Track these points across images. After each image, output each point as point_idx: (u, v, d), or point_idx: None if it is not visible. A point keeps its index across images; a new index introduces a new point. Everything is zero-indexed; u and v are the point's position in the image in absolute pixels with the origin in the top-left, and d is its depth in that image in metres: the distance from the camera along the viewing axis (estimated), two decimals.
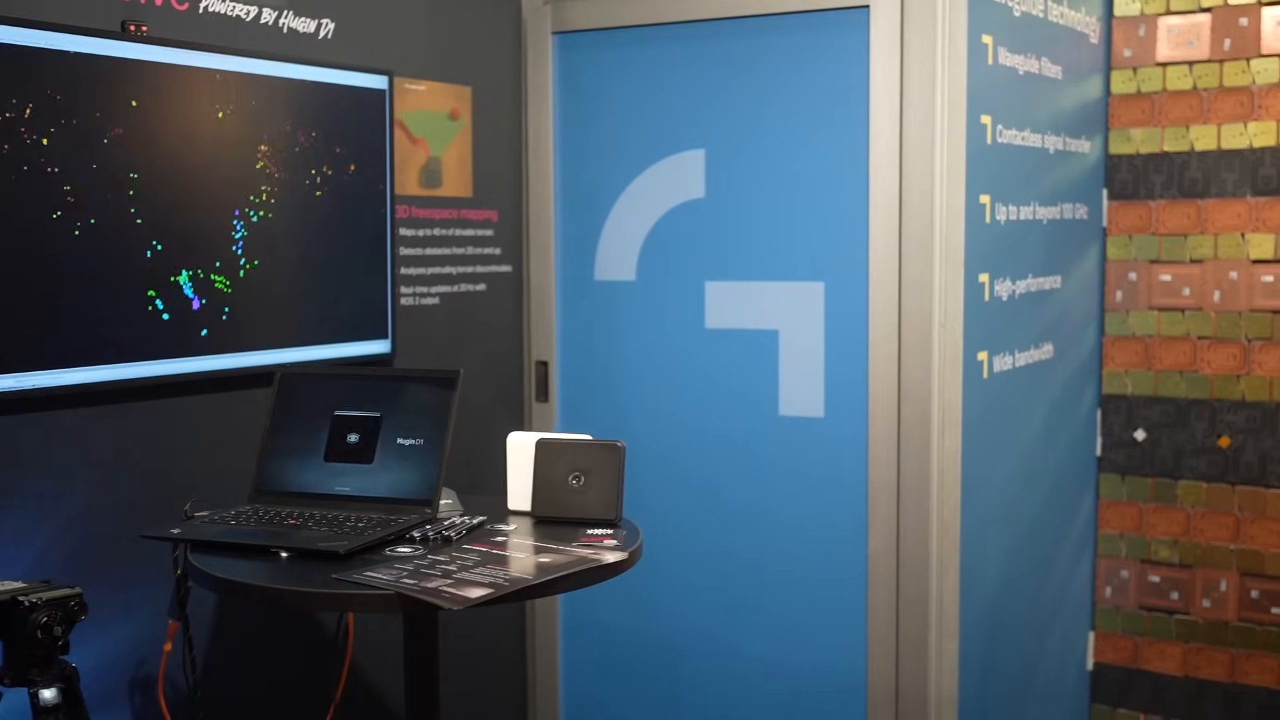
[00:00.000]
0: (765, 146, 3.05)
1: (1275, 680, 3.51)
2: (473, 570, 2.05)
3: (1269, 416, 3.48)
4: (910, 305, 2.88)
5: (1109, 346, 3.69)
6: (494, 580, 1.99)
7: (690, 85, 3.13)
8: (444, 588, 1.95)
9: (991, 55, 3.00)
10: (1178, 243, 3.58)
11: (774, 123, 3.03)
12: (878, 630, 2.96)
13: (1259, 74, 3.45)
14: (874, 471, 2.94)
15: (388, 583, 1.97)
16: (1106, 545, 3.72)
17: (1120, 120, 3.63)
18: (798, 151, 3.01)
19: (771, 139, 3.04)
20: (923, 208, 2.85)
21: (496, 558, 2.15)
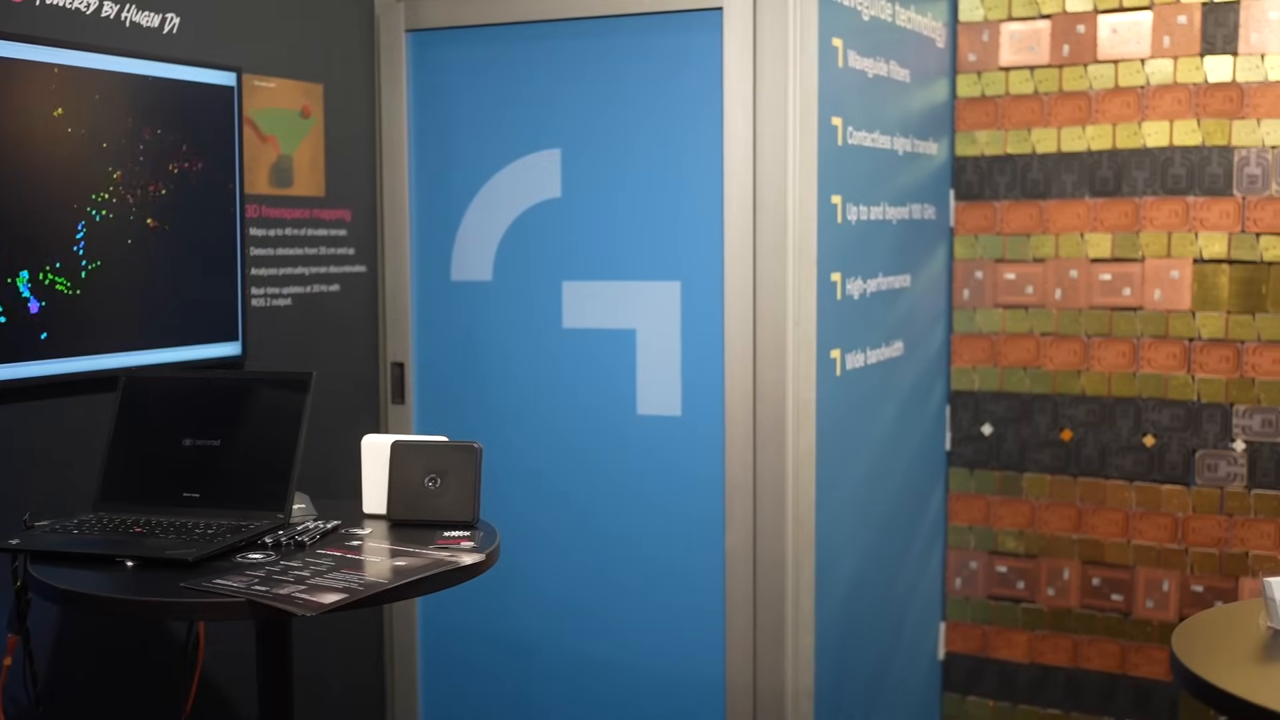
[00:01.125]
0: (621, 146, 3.06)
1: (1115, 664, 3.64)
2: (326, 575, 2.02)
3: (1107, 410, 3.61)
4: (764, 304, 2.92)
5: (957, 343, 3.78)
6: (348, 585, 1.97)
7: (546, 85, 3.13)
8: (297, 594, 1.91)
9: (842, 58, 3.05)
10: (1021, 242, 3.69)
11: (630, 123, 3.05)
12: (735, 627, 2.99)
13: (1096, 79, 3.57)
14: (730, 469, 2.97)
15: (238, 590, 1.93)
16: (956, 537, 3.81)
17: (966, 123, 3.73)
18: (653, 152, 3.03)
19: (627, 139, 3.05)
20: (776, 208, 2.89)
21: (351, 562, 2.12)
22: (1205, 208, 3.47)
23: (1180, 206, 3.49)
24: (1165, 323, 3.53)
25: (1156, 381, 3.55)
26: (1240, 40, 3.41)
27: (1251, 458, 3.46)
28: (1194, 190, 3.47)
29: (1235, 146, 3.43)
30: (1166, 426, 3.54)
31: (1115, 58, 3.54)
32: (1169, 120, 3.49)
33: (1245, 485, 3.47)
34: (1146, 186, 3.53)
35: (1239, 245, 3.44)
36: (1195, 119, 3.46)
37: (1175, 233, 3.50)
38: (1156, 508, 3.56)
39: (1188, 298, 3.50)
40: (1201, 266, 3.48)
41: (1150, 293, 3.54)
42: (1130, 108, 3.53)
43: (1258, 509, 3.46)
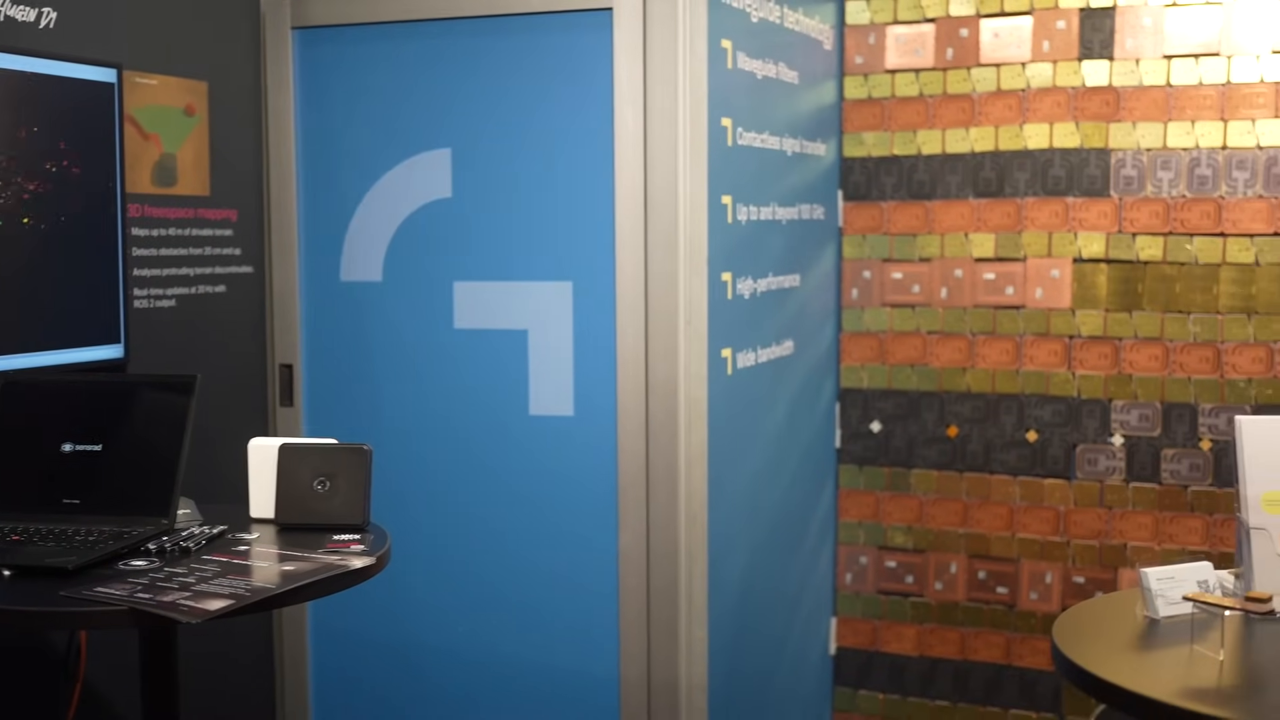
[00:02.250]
0: (512, 146, 3.05)
1: (1000, 656, 3.72)
2: (212, 581, 1.99)
3: (991, 407, 3.68)
4: (656, 304, 2.93)
5: (846, 342, 3.83)
6: (235, 591, 1.94)
7: (436, 84, 3.11)
8: (181, 600, 1.88)
9: (731, 60, 3.08)
10: (908, 242, 3.75)
11: (521, 123, 3.04)
12: (629, 624, 3.00)
13: (979, 82, 3.64)
14: (623, 468, 2.98)
15: (120, 598, 1.89)
16: (846, 533, 3.86)
17: (853, 124, 3.78)
18: (545, 152, 3.02)
19: (518, 139, 3.05)
20: (667, 208, 2.90)
21: (238, 567, 2.08)
22: (1084, 208, 3.56)
23: (1060, 207, 3.58)
24: (1046, 321, 3.61)
25: (1038, 378, 3.63)
26: (1116, 45, 3.50)
27: (1129, 452, 3.56)
28: (1073, 191, 3.56)
29: (1112, 149, 3.52)
30: (1048, 422, 3.63)
31: (997, 61, 3.62)
32: (1049, 123, 3.57)
33: (1123, 479, 3.57)
34: (1028, 187, 3.61)
35: (1116, 245, 3.54)
36: (1074, 122, 3.55)
37: (1055, 233, 3.59)
38: (1039, 501, 3.65)
39: (1068, 296, 3.59)
40: (1081, 266, 3.57)
41: (1032, 291, 3.62)
42: (1012, 110, 3.61)
43: (1135, 502, 3.55)
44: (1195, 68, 3.44)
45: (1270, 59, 3.38)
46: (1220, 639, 2.00)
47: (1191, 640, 2.04)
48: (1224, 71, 3.42)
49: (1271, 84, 3.38)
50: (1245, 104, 3.41)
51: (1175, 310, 3.50)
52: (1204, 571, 2.19)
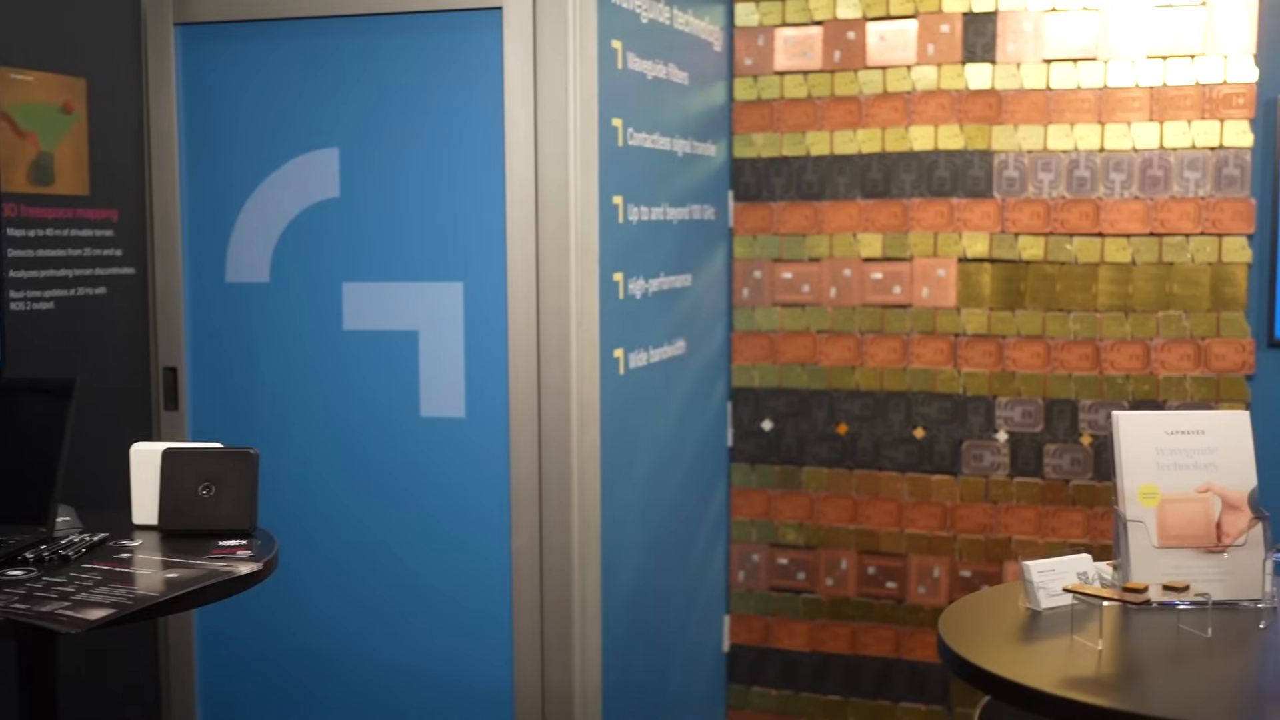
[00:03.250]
0: (401, 146, 3.02)
1: (890, 650, 3.78)
2: (93, 590, 1.94)
3: (880, 404, 3.74)
4: (548, 304, 2.92)
5: (737, 341, 3.86)
6: (116, 599, 1.89)
7: (322, 83, 3.07)
8: (60, 610, 1.83)
9: (621, 60, 3.08)
10: (797, 242, 3.79)
11: (410, 122, 3.01)
12: (522, 628, 2.99)
13: (865, 85, 3.69)
14: (516, 469, 2.97)
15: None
16: (739, 531, 3.89)
17: (743, 125, 3.81)
18: (434, 152, 3.00)
19: (408, 138, 3.02)
20: (558, 208, 2.90)
21: (120, 575, 2.04)
22: (968, 209, 3.62)
23: (945, 208, 3.64)
24: (933, 319, 3.67)
25: (925, 376, 3.69)
26: (998, 49, 3.57)
27: (1013, 447, 3.63)
28: (957, 192, 3.63)
29: (995, 151, 3.60)
30: (935, 419, 3.69)
31: (883, 64, 3.67)
32: (934, 125, 3.63)
33: (1008, 474, 3.64)
34: (914, 188, 3.67)
35: (999, 245, 3.61)
36: (958, 124, 3.61)
37: (941, 233, 3.65)
38: (927, 497, 3.71)
39: (953, 295, 3.65)
40: (965, 265, 3.64)
41: (919, 291, 3.68)
42: (898, 112, 3.67)
43: (1019, 496, 3.63)
44: (1073, 72, 3.52)
45: (1145, 64, 3.48)
46: (1099, 629, 2.05)
47: (1071, 631, 2.08)
48: (1101, 76, 3.51)
49: (1146, 88, 3.48)
50: (1121, 107, 3.50)
51: (1056, 309, 3.58)
52: (1083, 563, 2.24)
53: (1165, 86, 3.47)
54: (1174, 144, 3.47)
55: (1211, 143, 3.45)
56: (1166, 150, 3.48)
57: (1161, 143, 3.48)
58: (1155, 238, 3.50)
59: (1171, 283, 3.50)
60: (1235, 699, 1.90)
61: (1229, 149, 3.44)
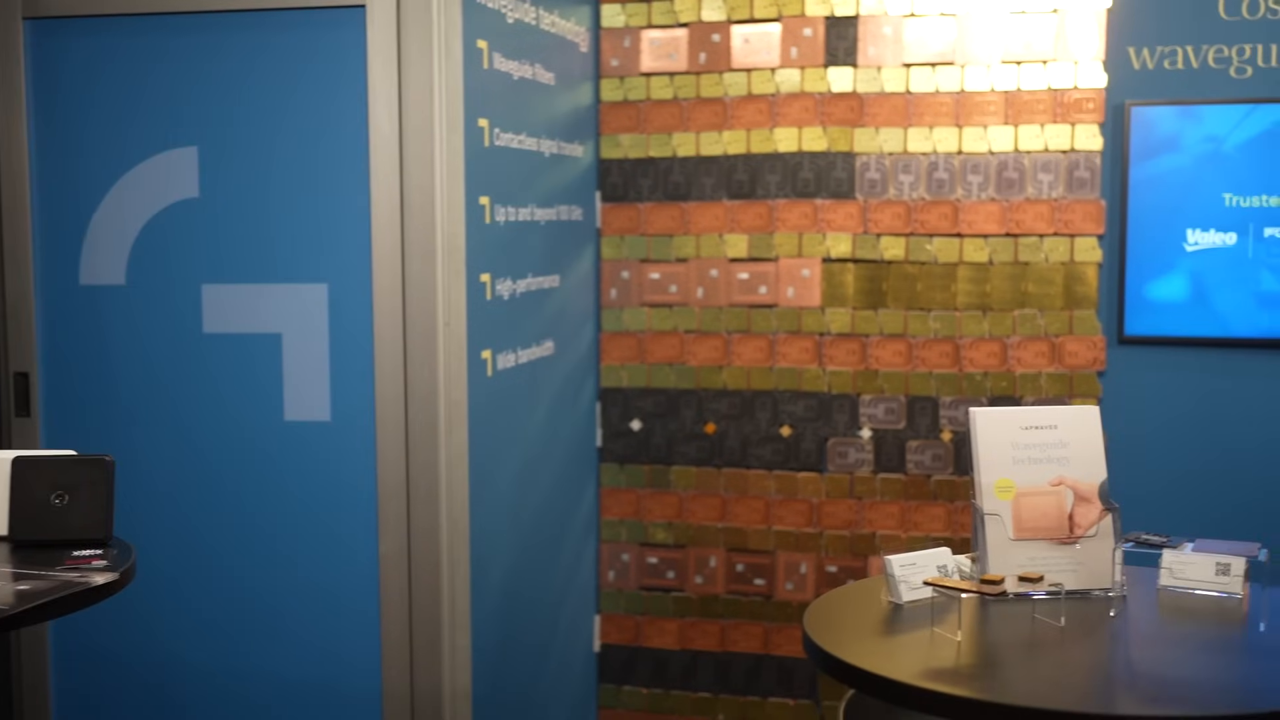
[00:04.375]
0: (263, 145, 2.97)
1: (759, 646, 3.82)
2: None
3: (747, 403, 3.78)
4: (414, 306, 2.90)
5: (606, 342, 3.87)
6: None
7: (181, 80, 3.00)
8: None
9: (487, 60, 3.07)
10: (664, 243, 3.81)
11: (272, 121, 2.96)
12: (391, 634, 2.96)
13: (730, 87, 3.73)
14: (383, 473, 2.94)
15: None
16: (609, 531, 3.90)
17: (610, 126, 3.82)
18: (297, 151, 2.95)
19: (270, 137, 2.97)
20: (424, 209, 2.88)
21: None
22: (831, 210, 3.68)
23: (809, 209, 3.69)
24: (798, 319, 3.73)
25: (791, 375, 3.74)
26: (859, 53, 3.64)
27: (877, 444, 3.70)
28: (821, 193, 3.68)
29: (857, 153, 3.66)
30: (801, 417, 3.75)
31: (748, 66, 3.72)
32: (798, 127, 3.69)
33: (872, 470, 3.71)
34: (779, 190, 3.71)
35: (862, 245, 3.67)
36: (821, 126, 3.67)
37: (805, 233, 3.70)
38: (794, 494, 3.76)
39: (818, 295, 3.71)
40: (829, 265, 3.70)
41: (784, 290, 3.73)
42: (762, 114, 3.71)
43: (883, 492, 3.70)
44: (932, 76, 3.60)
45: (1000, 69, 3.57)
46: (958, 621, 2.10)
47: (932, 623, 2.13)
48: (958, 80, 3.59)
49: (1001, 92, 3.57)
50: (978, 111, 3.59)
51: (917, 308, 3.66)
52: (943, 557, 2.29)
53: (1019, 91, 3.57)
54: (1028, 147, 3.57)
55: (1063, 146, 3.55)
56: (1021, 153, 3.58)
57: (1016, 146, 3.58)
58: (1011, 238, 3.60)
59: (1027, 282, 3.60)
60: (1087, 686, 1.96)
61: (1080, 152, 3.55)
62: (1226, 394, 3.57)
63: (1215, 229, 3.49)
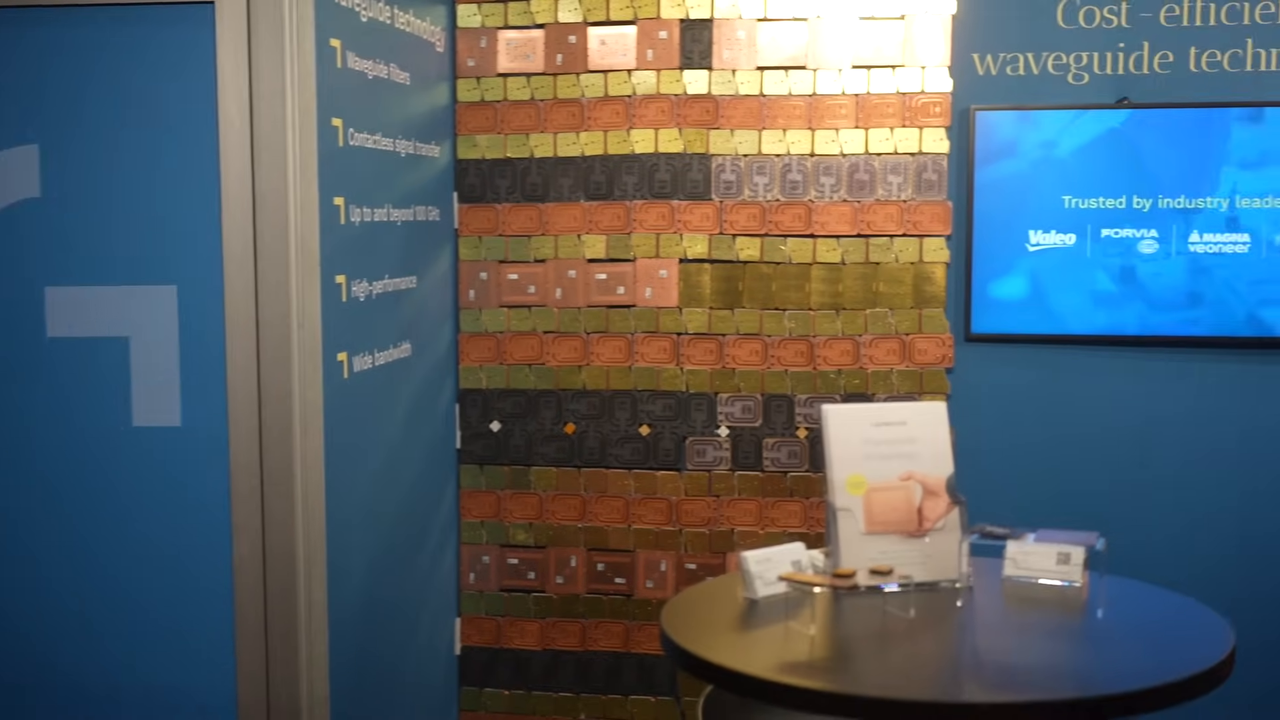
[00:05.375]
0: (109, 143, 2.89)
1: (620, 644, 3.84)
2: None
3: (606, 403, 3.80)
4: (267, 307, 2.85)
5: (464, 343, 3.86)
6: None
7: (20, 75, 2.90)
8: None
9: (341, 59, 3.03)
10: (523, 243, 3.81)
11: (117, 119, 2.88)
12: (246, 642, 2.91)
13: (588, 88, 3.74)
14: (236, 477, 2.88)
15: None
16: (469, 533, 3.89)
17: (467, 127, 3.81)
18: (145, 150, 2.88)
19: (115, 136, 2.89)
20: (277, 209, 2.83)
21: None
22: (688, 211, 3.72)
23: (666, 210, 3.73)
24: (656, 319, 3.76)
25: (650, 374, 3.77)
26: (714, 56, 3.68)
27: (734, 442, 3.75)
28: (678, 195, 3.72)
29: (713, 154, 3.70)
30: (660, 416, 3.78)
31: (604, 68, 3.73)
32: (654, 129, 3.72)
33: (729, 468, 3.76)
34: (636, 191, 3.74)
35: (718, 246, 3.72)
36: (677, 128, 3.71)
37: (663, 234, 3.74)
38: (653, 493, 3.79)
39: (675, 295, 3.74)
40: (686, 266, 3.74)
41: (642, 291, 3.76)
42: (619, 116, 3.73)
43: (740, 489, 3.75)
44: (785, 79, 3.67)
45: (851, 73, 3.65)
46: (812, 615, 2.14)
47: (786, 617, 2.17)
48: (810, 84, 3.66)
49: (852, 96, 3.65)
50: (830, 114, 3.66)
51: (772, 307, 3.72)
52: (797, 552, 2.34)
53: (869, 95, 3.65)
54: (878, 150, 3.65)
55: (912, 149, 3.64)
56: (871, 155, 3.66)
57: (867, 148, 3.66)
58: (862, 239, 3.68)
59: (878, 281, 3.68)
60: (936, 675, 2.02)
61: (928, 155, 3.65)
62: (1065, 389, 3.70)
63: (1056, 230, 3.62)
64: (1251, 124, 3.54)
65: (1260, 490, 3.66)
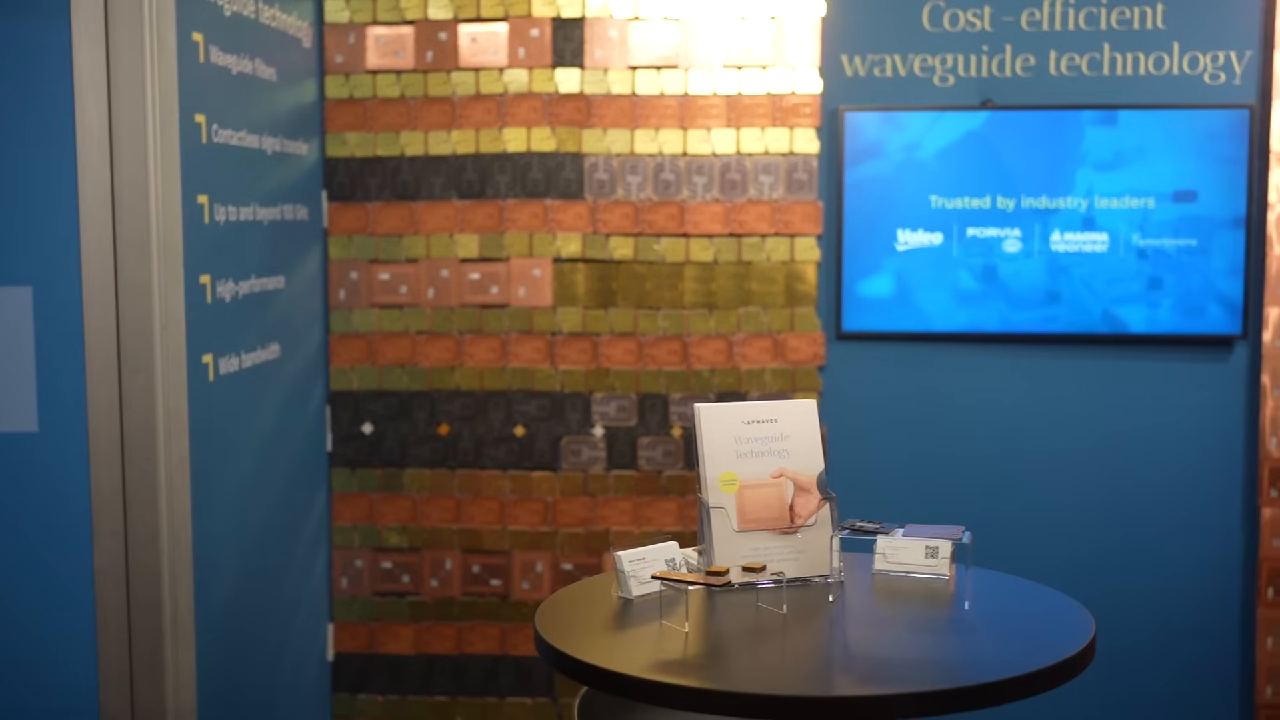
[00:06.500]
0: None
1: (496, 647, 3.82)
2: None
3: (480, 404, 3.77)
4: (128, 309, 2.77)
5: (335, 344, 3.80)
6: None
7: None
8: None
9: (203, 54, 2.96)
10: (394, 243, 3.76)
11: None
12: (109, 652, 2.83)
13: (459, 86, 3.71)
14: (97, 484, 2.80)
15: None
16: (341, 537, 3.83)
17: (336, 124, 3.75)
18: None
19: None
20: (138, 207, 2.76)
21: None
22: (561, 210, 3.71)
23: (539, 209, 3.71)
24: (530, 319, 3.74)
25: (524, 375, 3.75)
26: (586, 55, 3.68)
27: (609, 441, 3.75)
28: (551, 194, 3.71)
29: (586, 153, 3.70)
30: (534, 416, 3.76)
31: (476, 66, 3.71)
32: (526, 127, 3.70)
33: (605, 467, 3.76)
34: (509, 190, 3.72)
35: (591, 245, 3.72)
36: (550, 127, 3.69)
37: (536, 234, 3.72)
38: (528, 494, 3.77)
39: (549, 294, 3.73)
40: (560, 265, 3.73)
41: (516, 290, 3.74)
42: (491, 114, 3.71)
43: (616, 488, 3.75)
44: (657, 79, 3.68)
45: (722, 73, 3.67)
46: (685, 613, 2.15)
47: (661, 616, 2.17)
48: (682, 83, 3.68)
49: (724, 96, 3.68)
50: (702, 114, 3.68)
51: (646, 306, 3.73)
52: (671, 550, 2.34)
53: (741, 95, 3.67)
54: (750, 150, 3.68)
55: (783, 149, 3.68)
56: (743, 155, 3.69)
57: (738, 148, 3.68)
58: (735, 238, 3.71)
59: (750, 280, 3.71)
60: (808, 670, 2.04)
61: (798, 155, 3.69)
62: (932, 386, 3.77)
63: (924, 229, 3.68)
64: (1106, 126, 3.64)
65: (1115, 482, 3.77)
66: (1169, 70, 3.66)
